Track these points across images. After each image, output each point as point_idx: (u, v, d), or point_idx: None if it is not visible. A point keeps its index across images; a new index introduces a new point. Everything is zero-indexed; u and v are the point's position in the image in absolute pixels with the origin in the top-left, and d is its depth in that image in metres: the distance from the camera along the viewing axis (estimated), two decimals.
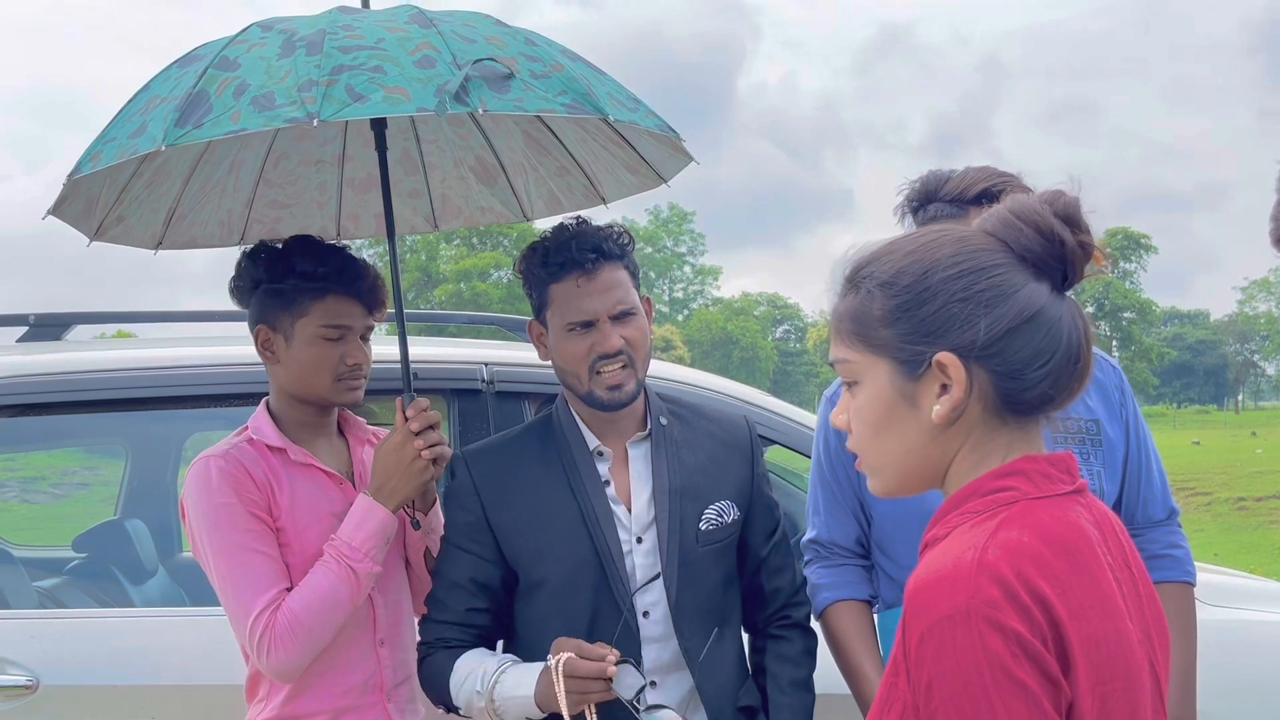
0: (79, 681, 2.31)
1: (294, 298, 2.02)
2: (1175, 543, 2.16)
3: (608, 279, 1.92)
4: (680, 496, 1.97)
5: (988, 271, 1.10)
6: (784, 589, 2.09)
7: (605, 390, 1.92)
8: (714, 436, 2.06)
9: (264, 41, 1.86)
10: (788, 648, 2.06)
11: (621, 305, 1.92)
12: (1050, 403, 1.12)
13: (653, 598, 1.93)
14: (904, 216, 2.09)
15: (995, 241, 1.12)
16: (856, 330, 1.16)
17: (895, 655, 1.06)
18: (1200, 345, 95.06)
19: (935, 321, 1.11)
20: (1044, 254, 1.10)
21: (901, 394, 1.14)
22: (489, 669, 1.86)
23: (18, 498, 8.53)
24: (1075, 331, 1.11)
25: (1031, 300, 1.09)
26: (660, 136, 2.12)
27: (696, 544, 1.96)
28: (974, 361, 1.10)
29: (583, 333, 1.91)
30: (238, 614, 1.91)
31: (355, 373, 2.05)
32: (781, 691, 2.01)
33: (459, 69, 1.75)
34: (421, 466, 1.99)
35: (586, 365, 1.91)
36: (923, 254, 1.13)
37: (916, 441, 1.14)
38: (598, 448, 1.99)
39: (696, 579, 1.95)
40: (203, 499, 1.94)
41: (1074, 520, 1.09)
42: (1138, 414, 2.14)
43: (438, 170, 2.56)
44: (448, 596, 1.97)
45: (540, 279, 1.96)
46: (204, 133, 1.72)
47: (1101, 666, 1.04)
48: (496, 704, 1.83)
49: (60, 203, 2.04)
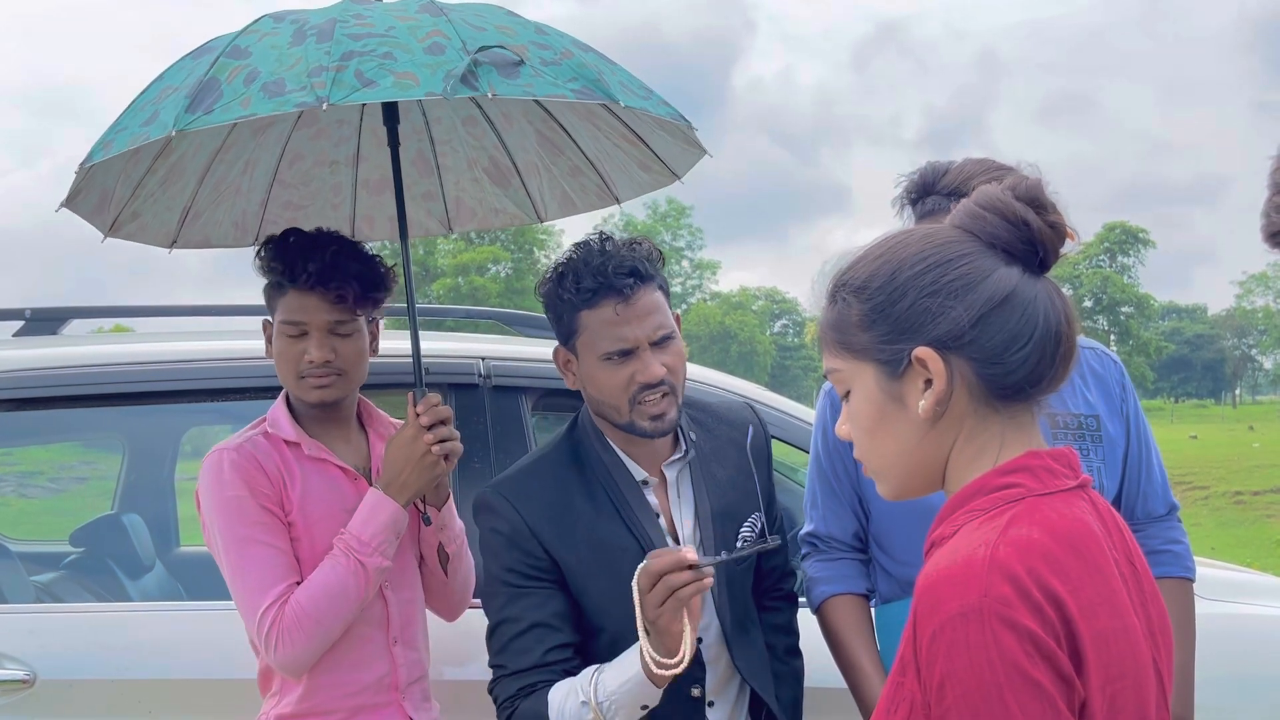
0: (76, 676, 2.30)
1: (269, 294, 2.05)
2: (1175, 538, 2.16)
3: (646, 304, 1.82)
4: (722, 519, 1.95)
5: (954, 263, 1.11)
6: (779, 567, 2.15)
7: (648, 421, 1.83)
8: (734, 442, 2.04)
9: (275, 31, 1.87)
10: (780, 618, 2.12)
11: (661, 330, 1.83)
12: (1037, 385, 1.12)
13: (704, 621, 1.89)
14: (902, 209, 2.09)
15: (963, 233, 1.13)
16: (839, 339, 1.18)
17: (903, 654, 1.06)
18: (1198, 339, 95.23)
19: (909, 319, 1.12)
20: (1011, 238, 1.11)
21: (889, 395, 1.15)
22: (584, 679, 1.73)
23: (15, 492, 8.51)
24: (1053, 311, 1.11)
25: (1001, 284, 1.10)
26: (672, 130, 2.13)
27: (736, 564, 1.96)
28: (952, 352, 1.10)
29: (621, 362, 1.81)
30: (246, 608, 1.91)
31: (316, 371, 2.00)
32: (780, 660, 2.07)
33: (468, 55, 1.75)
34: (432, 461, 1.98)
35: (627, 397, 1.82)
36: (890, 255, 1.15)
37: (910, 440, 1.15)
38: (645, 479, 1.92)
39: (737, 596, 1.97)
40: (215, 491, 1.95)
41: (1081, 516, 1.09)
42: (1138, 409, 2.13)
43: (451, 172, 2.57)
44: (522, 643, 1.80)
45: (570, 305, 1.83)
46: (214, 118, 1.72)
47: (1111, 664, 1.03)
48: (603, 704, 1.68)
49: (73, 195, 2.04)
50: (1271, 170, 1.15)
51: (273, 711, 2.01)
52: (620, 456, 1.92)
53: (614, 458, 1.91)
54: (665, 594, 1.58)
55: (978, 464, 1.13)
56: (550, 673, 1.78)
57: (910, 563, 2.01)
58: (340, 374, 2.03)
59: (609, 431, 1.92)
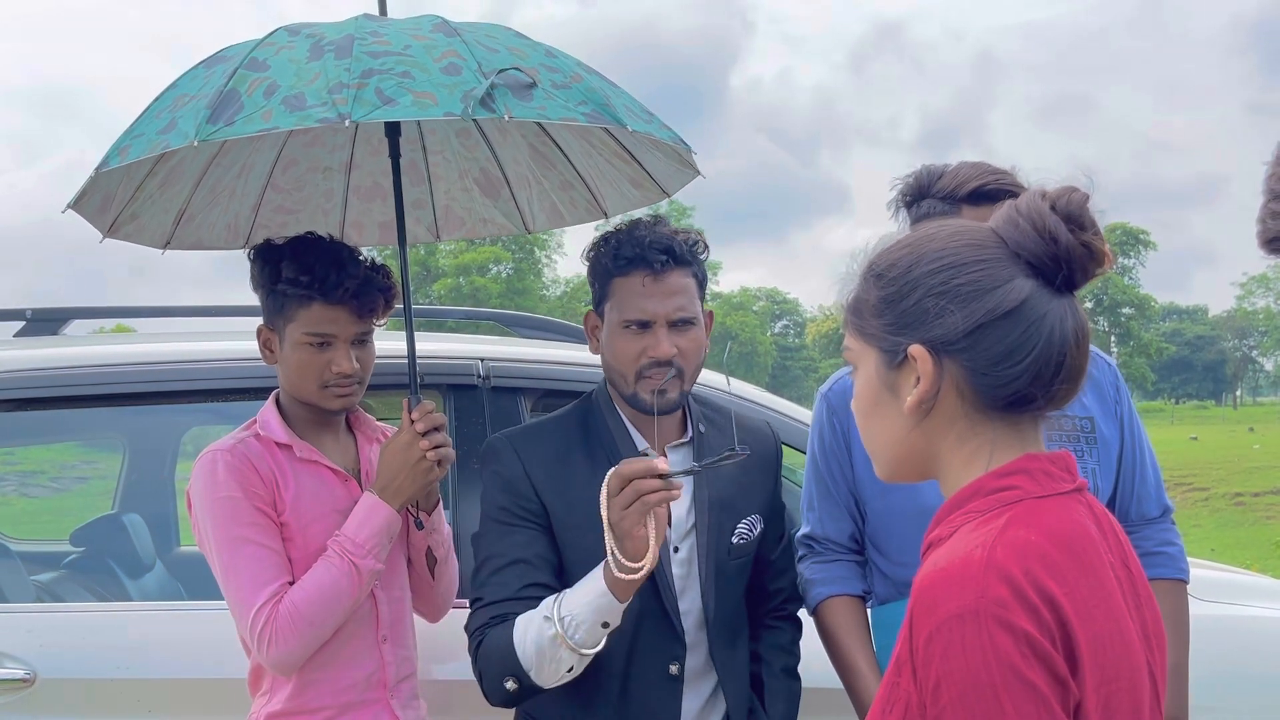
0: (76, 675, 2.31)
1: (284, 302, 2.03)
2: (1169, 540, 2.16)
3: (674, 283, 1.88)
4: (719, 509, 1.97)
5: (970, 266, 1.10)
6: (785, 589, 2.14)
7: (650, 395, 1.89)
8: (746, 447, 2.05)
9: (292, 45, 1.89)
10: (781, 637, 2.11)
11: (682, 313, 1.89)
12: (1031, 402, 1.11)
13: (685, 606, 1.94)
14: (897, 211, 2.09)
15: (994, 237, 1.12)
16: (854, 320, 1.19)
17: (899, 654, 1.05)
18: (1199, 341, 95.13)
19: (913, 314, 1.12)
20: (1038, 251, 1.09)
21: (885, 383, 1.16)
22: (549, 599, 1.76)
23: (17, 492, 8.53)
24: (1062, 332, 1.09)
25: (1010, 296, 1.08)
26: (667, 149, 2.15)
27: (729, 556, 1.97)
28: (946, 355, 1.10)
29: (638, 333, 1.88)
30: (239, 607, 1.92)
31: (343, 381, 2.03)
32: (775, 677, 2.07)
33: (485, 76, 1.77)
34: (426, 467, 2.01)
35: (635, 367, 1.89)
36: (916, 247, 1.15)
37: (899, 430, 1.16)
38: (646, 449, 1.96)
39: (724, 589, 1.97)
40: (208, 492, 1.96)
41: (1078, 520, 1.09)
42: (1132, 411, 2.14)
43: (442, 181, 2.60)
44: (501, 576, 1.86)
45: (606, 271, 1.92)
46: (236, 129, 1.74)
47: (1106, 667, 1.03)
48: (566, 620, 1.71)
49: (80, 197, 2.06)
50: (1267, 176, 1.14)
51: (263, 710, 2.02)
52: (626, 425, 1.97)
53: (620, 425, 1.96)
54: (633, 497, 1.63)
55: (972, 467, 1.13)
56: (524, 605, 1.81)
57: (906, 564, 2.02)
58: (361, 382, 2.07)
59: (619, 402, 1.97)
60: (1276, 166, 1.10)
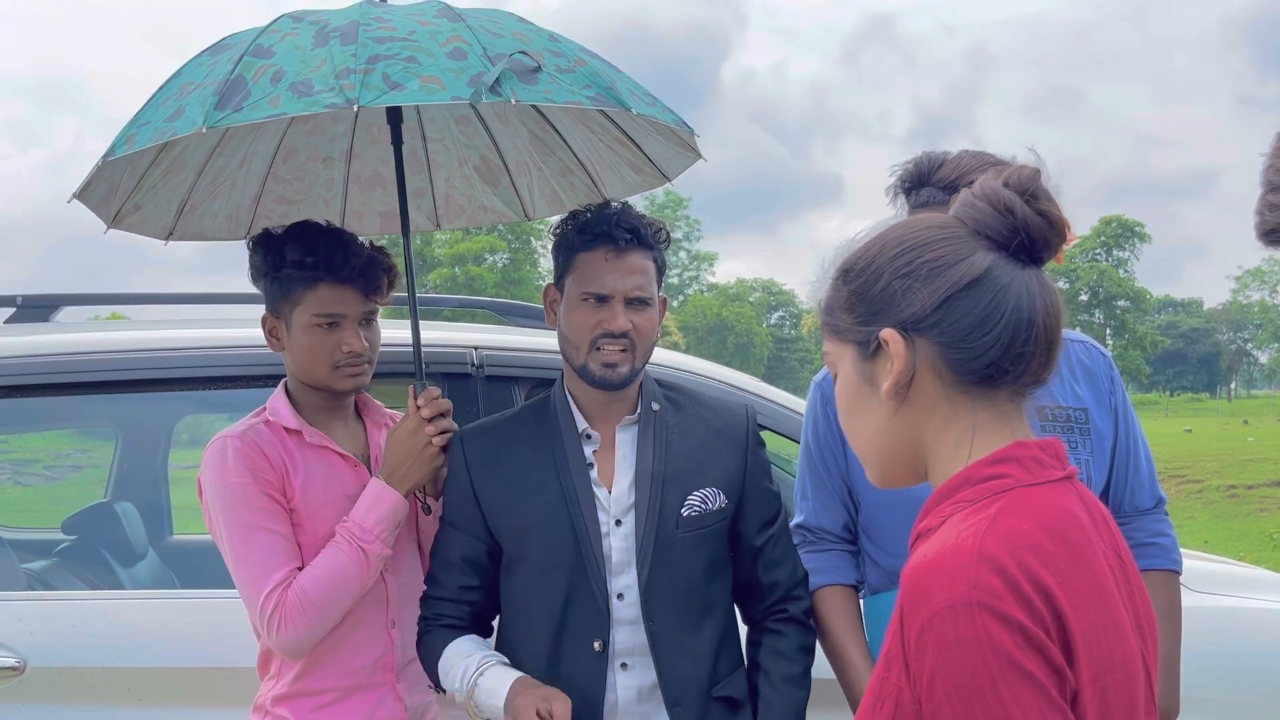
0: (67, 663, 2.31)
1: (289, 287, 2.04)
2: (1162, 531, 2.16)
3: (634, 262, 1.94)
4: (663, 482, 1.96)
5: (930, 246, 1.11)
6: (782, 582, 2.04)
7: (600, 367, 1.93)
8: (707, 423, 2.04)
9: (296, 31, 1.89)
10: (782, 643, 2.02)
11: (639, 291, 1.94)
12: (1007, 373, 1.10)
13: (627, 581, 1.94)
14: (896, 197, 2.07)
15: (954, 220, 1.13)
16: (828, 321, 1.19)
17: (889, 648, 1.04)
18: (1193, 333, 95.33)
19: (881, 300, 1.12)
20: (997, 225, 1.10)
21: (863, 376, 1.16)
22: (470, 668, 1.90)
23: (11, 480, 8.53)
24: (1029, 300, 1.09)
25: (973, 267, 1.09)
26: (668, 134, 2.16)
27: (676, 529, 1.95)
28: (918, 335, 1.10)
29: (595, 306, 1.93)
30: (250, 591, 1.95)
31: (353, 360, 2.05)
32: (773, 688, 1.98)
33: (491, 61, 1.78)
34: (433, 453, 2.04)
35: (589, 339, 1.93)
36: (877, 240, 1.16)
37: (881, 421, 1.15)
38: (585, 430, 1.99)
39: (673, 564, 1.94)
40: (218, 478, 1.98)
41: (1069, 508, 1.08)
42: (1126, 403, 2.14)
43: (442, 169, 2.59)
44: (442, 574, 2.02)
45: (571, 245, 1.97)
46: (244, 116, 1.74)
47: (1102, 658, 1.02)
48: (477, 703, 1.88)
49: (85, 187, 2.05)
50: (1265, 168, 1.13)
51: (270, 693, 2.05)
52: (572, 408, 2.01)
53: (566, 410, 2.01)
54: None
55: (958, 454, 1.12)
56: (457, 607, 2.02)
57: (899, 554, 2.01)
58: (370, 362, 2.09)
59: (571, 382, 2.02)
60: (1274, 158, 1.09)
